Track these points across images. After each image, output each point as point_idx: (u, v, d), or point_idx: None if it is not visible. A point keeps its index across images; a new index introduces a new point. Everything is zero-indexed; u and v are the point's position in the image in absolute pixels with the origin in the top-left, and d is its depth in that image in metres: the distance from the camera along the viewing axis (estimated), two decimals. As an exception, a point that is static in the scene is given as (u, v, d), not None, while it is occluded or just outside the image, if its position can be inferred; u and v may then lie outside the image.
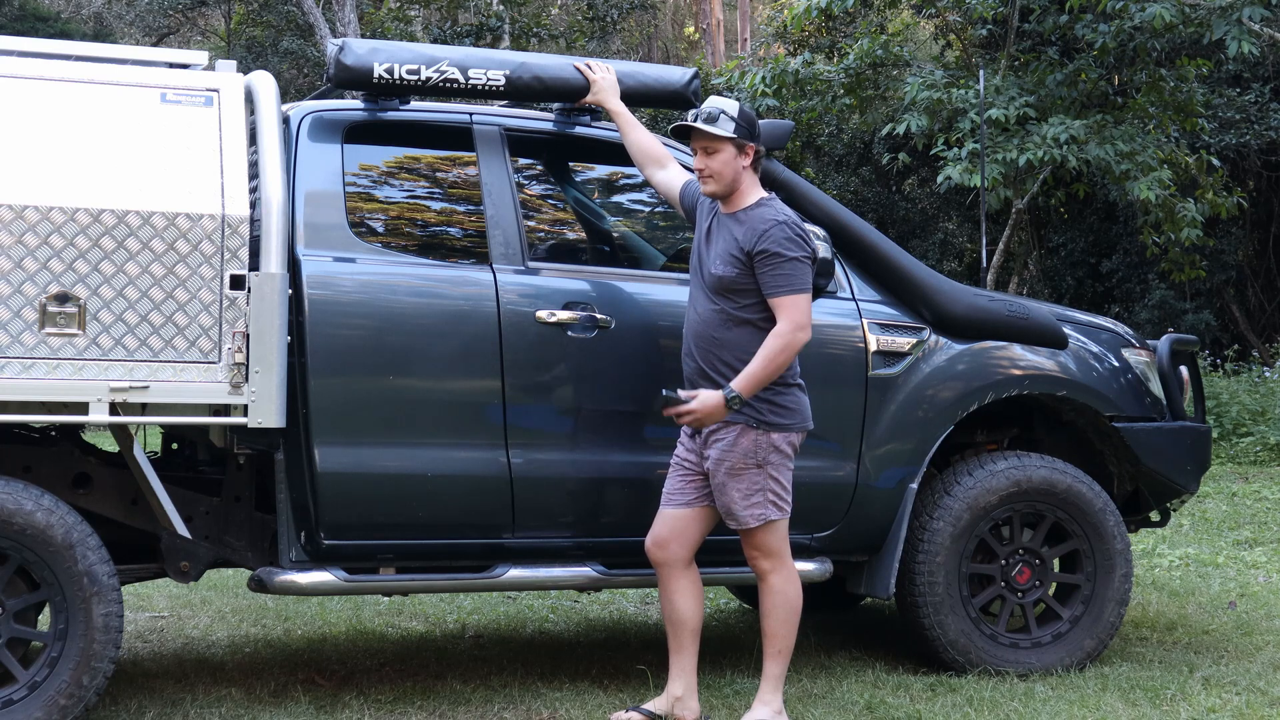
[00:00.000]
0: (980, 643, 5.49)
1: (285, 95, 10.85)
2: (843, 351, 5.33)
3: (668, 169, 5.09)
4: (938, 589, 5.44)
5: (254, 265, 4.59)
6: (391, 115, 5.19)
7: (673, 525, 4.80)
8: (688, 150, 5.18)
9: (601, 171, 5.77)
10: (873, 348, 5.35)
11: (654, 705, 4.80)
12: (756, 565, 4.79)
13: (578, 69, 5.20)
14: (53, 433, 5.02)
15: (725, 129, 4.66)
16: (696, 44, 32.67)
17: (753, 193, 4.75)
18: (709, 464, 4.71)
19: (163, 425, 5.08)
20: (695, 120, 4.69)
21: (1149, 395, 5.83)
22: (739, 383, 4.59)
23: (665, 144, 5.23)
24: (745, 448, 4.66)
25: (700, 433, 4.74)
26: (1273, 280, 18.59)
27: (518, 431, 4.97)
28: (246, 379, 4.57)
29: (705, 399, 4.61)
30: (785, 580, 4.78)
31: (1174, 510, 6.20)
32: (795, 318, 4.60)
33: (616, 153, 5.28)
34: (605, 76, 5.18)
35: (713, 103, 4.73)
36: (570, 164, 5.70)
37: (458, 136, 5.24)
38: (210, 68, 4.93)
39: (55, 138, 4.54)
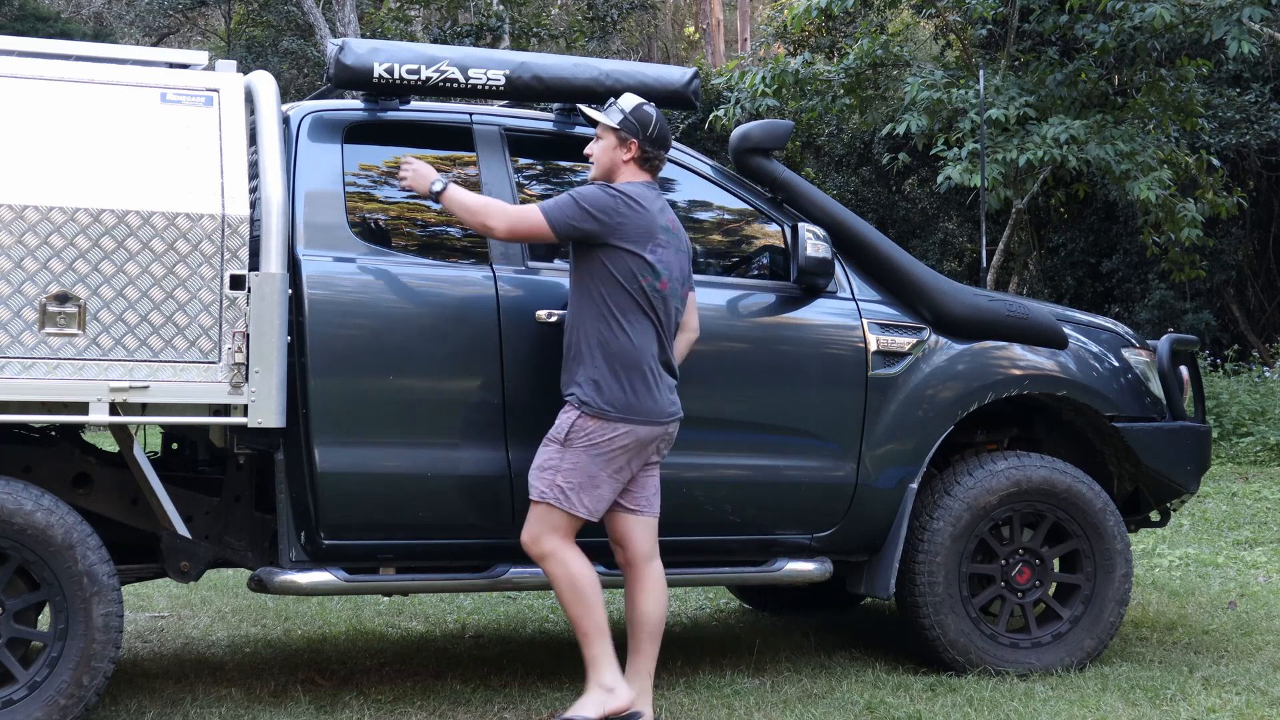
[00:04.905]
0: (980, 643, 5.49)
1: (285, 95, 10.85)
2: (843, 351, 5.32)
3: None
4: (938, 589, 5.44)
5: (254, 265, 4.59)
6: (391, 115, 5.19)
7: (617, 529, 4.80)
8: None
9: (601, 171, 5.76)
10: (873, 348, 5.35)
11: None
12: (525, 541, 4.72)
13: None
14: (53, 433, 5.02)
15: (611, 119, 4.74)
16: (696, 44, 32.69)
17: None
18: None
19: (163, 425, 5.08)
20: (589, 107, 4.88)
21: (1149, 395, 5.83)
22: (451, 184, 4.75)
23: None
24: (561, 421, 4.68)
25: None
26: (1273, 280, 18.59)
27: (518, 431, 4.97)
28: (246, 379, 4.57)
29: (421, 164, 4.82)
30: (556, 564, 4.67)
31: (1174, 510, 6.20)
32: (509, 214, 4.68)
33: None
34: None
35: (622, 97, 4.84)
36: (570, 164, 5.69)
37: (458, 136, 5.23)
38: (210, 68, 4.93)
39: (55, 138, 4.54)
